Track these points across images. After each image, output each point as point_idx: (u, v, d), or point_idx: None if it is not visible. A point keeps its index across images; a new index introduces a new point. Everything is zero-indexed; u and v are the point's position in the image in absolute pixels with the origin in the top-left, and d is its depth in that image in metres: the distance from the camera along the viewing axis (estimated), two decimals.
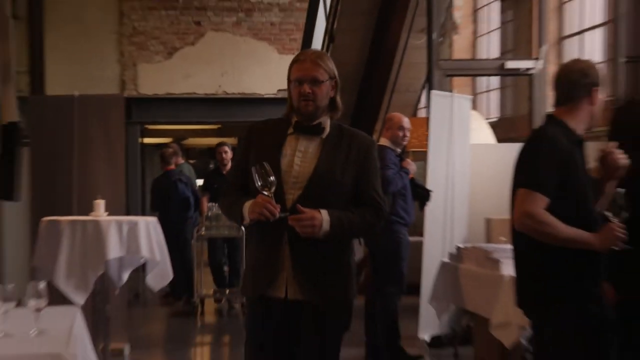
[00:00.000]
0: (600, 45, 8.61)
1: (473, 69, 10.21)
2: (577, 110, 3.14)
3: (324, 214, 2.94)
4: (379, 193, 3.13)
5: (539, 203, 3.05)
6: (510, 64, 8.72)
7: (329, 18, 10.87)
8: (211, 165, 16.85)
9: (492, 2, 11.26)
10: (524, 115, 8.92)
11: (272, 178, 2.90)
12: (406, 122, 6.34)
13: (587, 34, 9.07)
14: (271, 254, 3.09)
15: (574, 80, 3.15)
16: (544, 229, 3.05)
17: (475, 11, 12.05)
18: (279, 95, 12.51)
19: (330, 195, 3.05)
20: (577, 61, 3.37)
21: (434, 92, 7.11)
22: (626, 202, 3.06)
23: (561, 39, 9.45)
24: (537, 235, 3.08)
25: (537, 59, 8.51)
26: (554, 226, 3.05)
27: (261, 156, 3.00)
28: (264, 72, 13.38)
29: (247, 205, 3.01)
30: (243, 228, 7.73)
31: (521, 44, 10.08)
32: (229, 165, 8.89)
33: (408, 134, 6.34)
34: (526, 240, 3.14)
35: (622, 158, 3.22)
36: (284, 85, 4.05)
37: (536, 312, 3.27)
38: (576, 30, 9.30)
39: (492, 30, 11.36)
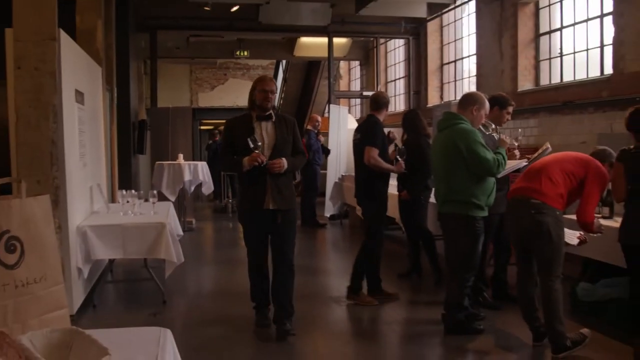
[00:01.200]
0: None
1: (348, 95, 19.45)
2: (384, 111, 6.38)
3: (284, 160, 5.13)
4: (302, 148, 5.45)
5: (374, 152, 6.11)
6: (365, 93, 16.03)
7: (285, 71, 20.77)
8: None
9: (356, 66, 19.69)
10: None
11: (259, 143, 5.04)
12: (319, 118, 12.63)
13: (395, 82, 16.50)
14: (260, 186, 5.14)
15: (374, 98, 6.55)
16: (377, 164, 6.12)
17: (349, 70, 20.80)
18: None
19: (286, 150, 5.21)
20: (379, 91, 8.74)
21: (332, 106, 13.13)
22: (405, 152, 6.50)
23: (387, 82, 17.15)
24: (373, 167, 6.11)
25: (376, 91, 15.56)
26: (381, 162, 6.16)
27: (245, 134, 5.05)
28: None
29: (245, 159, 5.05)
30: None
31: (370, 84, 17.62)
32: None
33: (320, 124, 12.52)
34: (367, 171, 6.16)
35: (391, 133, 6.78)
36: None
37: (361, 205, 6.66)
38: (393, 78, 16.86)
39: (357, 78, 19.87)
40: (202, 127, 26.48)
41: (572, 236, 5.07)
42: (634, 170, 4.75)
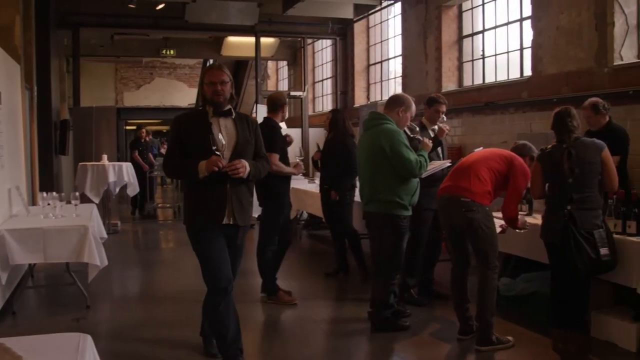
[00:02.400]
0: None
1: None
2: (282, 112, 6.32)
3: (246, 163, 4.26)
4: (265, 153, 4.62)
5: (275, 158, 5.93)
6: (293, 93, 15.98)
7: None
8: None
9: (284, 66, 19.72)
10: (298, 117, 15.79)
11: (223, 143, 4.25)
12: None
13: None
14: (219, 195, 4.25)
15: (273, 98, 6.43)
16: (279, 169, 6.01)
17: (277, 70, 20.74)
18: (188, 106, 22.01)
19: (248, 153, 4.38)
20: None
21: (259, 106, 13.21)
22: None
23: (315, 83, 17.26)
24: (275, 173, 5.78)
25: (303, 91, 15.65)
26: (282, 167, 6.09)
27: (200, 133, 4.25)
28: (182, 95, 23.88)
29: (202, 164, 4.15)
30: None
31: (297, 84, 17.62)
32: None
33: None
34: (272, 175, 5.54)
35: (289, 136, 6.79)
36: (192, 101, 9.73)
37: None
38: (321, 78, 17.01)
39: (284, 78, 19.83)
40: (128, 127, 26.05)
41: (495, 225, 5.25)
42: (548, 169, 4.93)
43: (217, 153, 4.18)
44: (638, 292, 4.62)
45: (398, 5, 12.92)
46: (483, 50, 10.61)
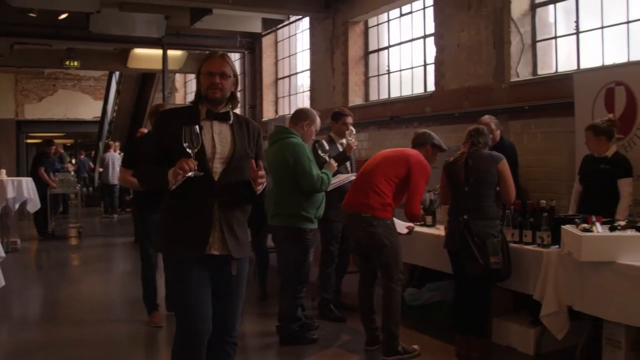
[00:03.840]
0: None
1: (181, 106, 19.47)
2: None
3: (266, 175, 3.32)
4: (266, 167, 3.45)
5: (124, 173, 5.60)
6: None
7: (118, 83, 20.11)
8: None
9: (192, 79, 19.59)
10: None
11: (198, 139, 3.18)
12: None
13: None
14: (203, 218, 3.32)
15: None
16: (124, 184, 6.30)
17: (185, 83, 20.57)
18: (94, 119, 21.88)
19: (245, 167, 3.36)
20: None
21: None
22: None
23: None
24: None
25: None
26: (130, 182, 5.38)
27: (182, 138, 3.17)
28: (88, 108, 23.25)
29: (171, 170, 3.18)
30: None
31: None
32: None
33: None
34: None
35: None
36: (98, 114, 9.24)
37: None
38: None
39: (192, 92, 19.56)
40: (29, 141, 24.98)
41: (402, 227, 5.37)
42: (450, 178, 5.14)
43: (189, 150, 3.19)
44: (535, 299, 4.82)
45: (306, 20, 13.05)
46: (388, 66, 10.86)
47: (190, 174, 3.17)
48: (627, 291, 4.15)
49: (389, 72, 10.84)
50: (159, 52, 15.03)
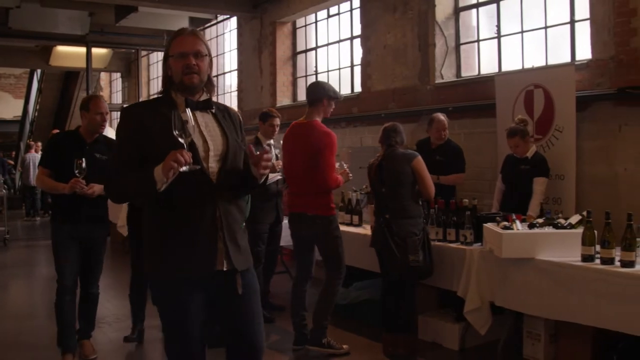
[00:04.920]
0: None
1: (109, 108, 18.68)
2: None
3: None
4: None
5: (41, 172, 4.91)
6: (126, 106, 15.80)
7: (40, 81, 19.42)
8: None
9: (118, 78, 19.10)
10: None
11: (191, 125, 2.66)
12: None
13: None
14: (207, 228, 2.76)
15: None
16: (42, 185, 5.03)
17: (110, 82, 20.06)
18: (14, 119, 21.14)
19: (239, 162, 2.91)
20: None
21: None
22: None
23: (150, 95, 17.45)
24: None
25: None
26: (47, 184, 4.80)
27: (163, 135, 2.67)
28: (7, 106, 22.48)
29: (158, 168, 2.61)
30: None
31: (132, 97, 17.42)
32: None
33: None
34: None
35: None
36: (19, 112, 8.87)
37: None
38: (156, 91, 17.17)
39: (118, 91, 19.18)
40: None
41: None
42: (371, 180, 5.29)
43: (181, 140, 2.65)
44: (459, 295, 4.95)
45: (234, 19, 12.98)
46: (316, 67, 10.92)
47: (184, 167, 2.61)
48: (546, 286, 4.32)
49: (316, 73, 10.89)
50: (83, 49, 14.68)
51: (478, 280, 4.80)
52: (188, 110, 2.75)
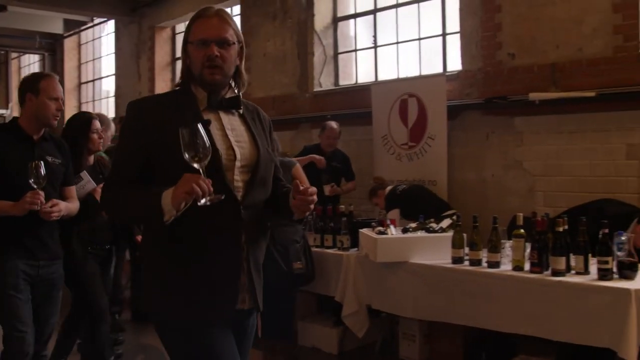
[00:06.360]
0: None
1: None
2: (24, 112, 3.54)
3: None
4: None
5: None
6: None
7: None
8: None
9: None
10: None
11: (207, 145, 2.03)
12: None
13: None
14: (230, 260, 2.21)
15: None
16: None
17: None
18: None
19: (269, 177, 2.36)
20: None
21: None
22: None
23: None
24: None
25: (7, 109, 14.59)
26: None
27: (184, 134, 2.03)
28: None
29: (168, 193, 2.03)
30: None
31: (1, 101, 16.18)
32: None
33: None
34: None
35: None
36: None
37: None
38: None
39: None
40: None
41: None
42: None
43: (195, 165, 2.05)
44: (337, 300, 5.02)
45: (111, 23, 12.63)
46: None
47: (202, 200, 2.02)
48: (419, 289, 4.45)
49: None
50: None
51: (355, 284, 4.88)
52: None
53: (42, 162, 3.33)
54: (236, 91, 2.38)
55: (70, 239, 4.08)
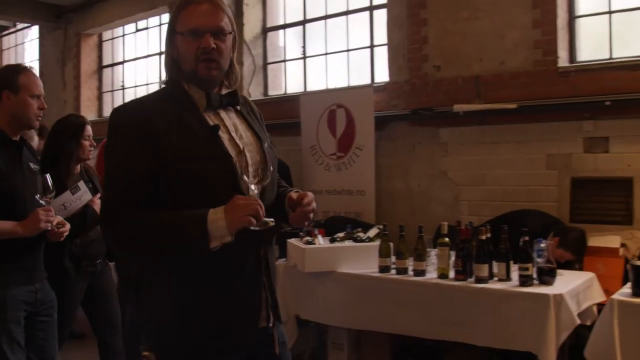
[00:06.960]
0: None
1: None
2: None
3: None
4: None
5: None
6: None
7: None
8: None
9: None
10: None
11: (261, 164, 1.97)
12: None
13: None
14: (252, 277, 1.99)
15: None
16: None
17: None
18: None
19: (276, 176, 2.15)
20: None
21: None
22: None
23: None
24: None
25: None
26: None
27: (190, 146, 1.88)
28: None
29: (216, 216, 1.79)
30: None
31: None
32: None
33: None
34: None
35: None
36: None
37: None
38: None
39: None
40: None
41: None
42: None
43: (253, 187, 1.96)
44: None
45: (35, 28, 12.28)
46: (123, 81, 10.63)
47: (256, 226, 1.84)
48: (347, 297, 4.49)
49: (123, 88, 10.59)
50: None
51: (283, 295, 4.86)
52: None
53: (47, 174, 3.02)
54: (231, 86, 2.15)
55: (62, 255, 3.73)
